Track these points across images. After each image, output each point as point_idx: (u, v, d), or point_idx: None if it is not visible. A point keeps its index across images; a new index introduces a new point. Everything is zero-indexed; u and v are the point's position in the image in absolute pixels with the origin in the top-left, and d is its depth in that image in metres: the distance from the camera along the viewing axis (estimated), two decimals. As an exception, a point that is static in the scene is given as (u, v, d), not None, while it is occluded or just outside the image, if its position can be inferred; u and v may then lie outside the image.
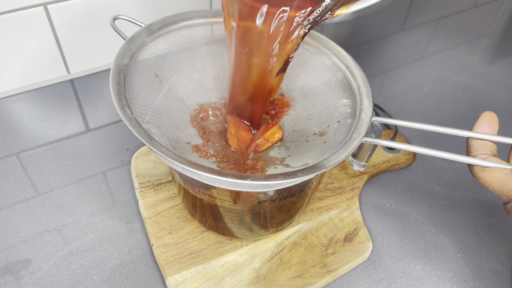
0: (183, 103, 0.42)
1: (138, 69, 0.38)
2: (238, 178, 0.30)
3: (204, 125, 0.42)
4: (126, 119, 0.32)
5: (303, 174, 0.31)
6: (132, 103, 0.35)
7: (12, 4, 0.51)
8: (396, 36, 0.78)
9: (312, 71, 0.43)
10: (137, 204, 0.48)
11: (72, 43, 0.58)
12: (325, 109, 0.42)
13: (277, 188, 0.33)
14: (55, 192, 0.49)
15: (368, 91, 0.38)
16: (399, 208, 0.51)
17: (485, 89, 0.69)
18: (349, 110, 0.39)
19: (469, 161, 0.34)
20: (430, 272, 0.45)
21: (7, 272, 0.42)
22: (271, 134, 0.41)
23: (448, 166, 0.56)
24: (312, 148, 0.39)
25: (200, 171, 0.30)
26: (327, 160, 0.32)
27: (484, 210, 0.51)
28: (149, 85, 0.39)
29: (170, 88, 0.41)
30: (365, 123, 0.35)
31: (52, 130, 0.55)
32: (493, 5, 0.89)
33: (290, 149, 0.40)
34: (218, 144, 0.41)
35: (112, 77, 0.35)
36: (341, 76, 0.41)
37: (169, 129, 0.38)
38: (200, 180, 0.33)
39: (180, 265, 0.42)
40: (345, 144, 0.34)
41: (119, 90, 0.34)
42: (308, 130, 0.42)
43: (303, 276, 0.42)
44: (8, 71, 0.57)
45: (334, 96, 0.41)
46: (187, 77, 0.43)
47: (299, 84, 0.44)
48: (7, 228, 0.45)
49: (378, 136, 0.44)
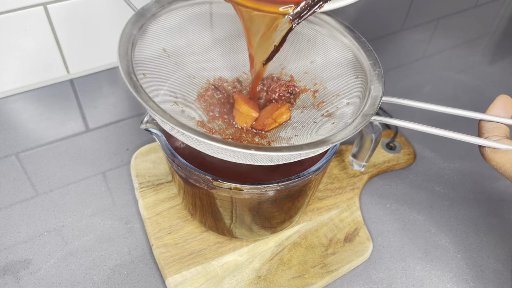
0: (190, 79, 0.41)
1: (147, 42, 0.38)
2: (241, 148, 0.29)
3: (211, 102, 0.41)
4: (131, 85, 0.31)
5: (309, 148, 0.30)
6: (138, 75, 0.34)
7: (12, 4, 0.51)
8: (396, 35, 0.78)
9: (322, 51, 0.43)
10: (136, 204, 0.48)
11: (72, 43, 0.58)
12: (334, 90, 0.41)
13: (281, 162, 0.32)
14: (54, 192, 0.49)
15: (379, 71, 0.38)
16: (400, 208, 0.50)
17: (486, 88, 0.69)
18: (359, 91, 0.38)
19: (482, 143, 0.33)
20: (430, 272, 0.45)
21: (6, 272, 0.42)
22: (279, 114, 0.40)
23: (449, 166, 0.56)
24: (320, 129, 0.38)
25: (202, 137, 0.29)
26: (334, 135, 0.32)
27: (484, 210, 0.51)
28: (156, 59, 0.39)
29: (178, 63, 0.41)
30: (376, 102, 0.35)
31: (52, 130, 0.55)
32: (494, 4, 0.89)
33: (297, 129, 0.39)
34: (224, 122, 0.40)
35: (120, 45, 0.34)
36: (351, 57, 0.41)
37: (174, 104, 0.38)
38: (200, 149, 0.32)
39: (180, 266, 0.42)
40: (354, 121, 0.33)
41: (126, 57, 0.33)
42: (316, 111, 0.41)
43: (303, 276, 0.42)
44: (8, 71, 0.57)
45: (344, 76, 0.41)
46: (196, 54, 0.42)
47: (308, 64, 0.44)
48: (7, 228, 0.45)
49: (378, 136, 0.43)
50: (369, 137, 0.44)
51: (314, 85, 0.43)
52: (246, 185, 0.35)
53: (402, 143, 0.57)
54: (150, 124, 0.38)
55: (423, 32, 0.79)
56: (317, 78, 0.43)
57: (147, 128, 0.38)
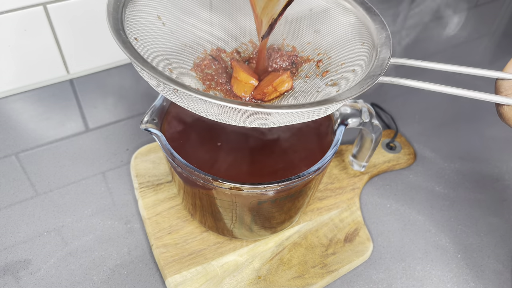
0: (187, 48, 0.40)
1: (140, 7, 0.36)
2: (237, 104, 0.27)
3: (208, 72, 0.39)
4: (119, 41, 0.29)
5: (312, 106, 0.28)
6: (131, 40, 0.33)
7: (12, 4, 0.51)
8: (397, 35, 0.78)
9: (325, 19, 0.41)
10: (136, 204, 0.48)
11: (72, 43, 0.58)
12: (339, 58, 0.39)
13: (282, 124, 0.31)
14: (54, 192, 0.49)
15: (386, 34, 0.36)
16: (400, 208, 0.50)
17: (486, 88, 0.69)
18: (366, 58, 0.36)
19: (500, 100, 0.31)
20: (430, 272, 0.45)
21: (6, 273, 0.42)
22: (280, 83, 0.37)
23: (449, 166, 0.55)
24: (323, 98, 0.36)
25: (196, 94, 0.27)
26: (339, 94, 0.30)
27: (484, 210, 0.51)
28: (150, 25, 0.37)
29: (173, 31, 0.39)
30: (384, 63, 0.33)
31: (52, 130, 0.55)
32: (494, 4, 0.89)
33: (299, 99, 0.37)
34: (222, 91, 0.38)
35: (109, 2, 0.33)
36: (357, 22, 0.39)
37: (167, 70, 0.36)
38: (193, 110, 0.30)
39: (180, 266, 0.42)
40: (360, 81, 0.31)
41: (116, 15, 0.32)
42: (319, 80, 0.39)
43: (303, 276, 0.42)
44: (8, 71, 0.57)
45: (349, 44, 0.39)
46: (192, 22, 0.40)
47: (311, 34, 0.42)
48: (7, 229, 0.45)
49: (379, 136, 0.43)
50: (369, 137, 0.44)
51: (318, 54, 0.41)
52: (246, 185, 0.35)
53: (402, 143, 0.57)
54: (150, 124, 0.38)
55: (423, 32, 0.79)
56: (321, 47, 0.41)
57: (147, 128, 0.38)
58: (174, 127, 0.41)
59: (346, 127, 0.41)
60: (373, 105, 0.62)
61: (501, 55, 0.77)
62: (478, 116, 0.63)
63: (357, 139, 0.47)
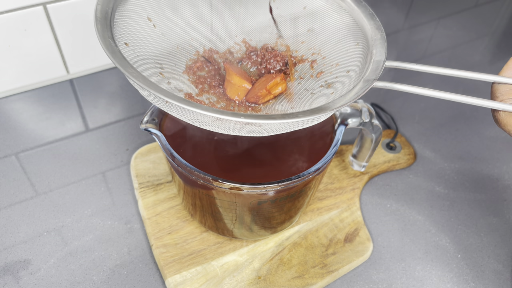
0: (179, 50, 0.39)
1: (129, 10, 0.36)
2: (229, 116, 0.27)
3: (200, 74, 0.39)
4: (108, 50, 0.29)
5: (305, 115, 0.28)
6: (121, 45, 0.32)
7: (12, 4, 0.51)
8: (397, 35, 0.78)
9: (320, 18, 0.40)
10: (136, 204, 0.48)
11: (72, 43, 0.58)
12: (333, 59, 0.39)
13: (276, 133, 0.30)
14: (54, 192, 0.49)
15: (382, 35, 0.35)
16: (400, 208, 0.50)
17: (487, 88, 0.69)
18: (360, 59, 0.36)
19: (496, 106, 0.30)
20: (430, 272, 0.45)
21: (6, 273, 0.42)
22: (274, 85, 0.37)
23: (449, 166, 0.55)
24: (318, 101, 0.36)
25: (187, 105, 0.27)
26: (333, 102, 0.29)
27: (484, 210, 0.51)
28: (141, 29, 0.36)
29: (164, 34, 0.38)
30: (379, 66, 0.32)
31: (52, 130, 0.55)
32: (494, 4, 0.89)
33: (293, 102, 0.37)
34: (215, 95, 0.37)
35: (96, 9, 0.32)
36: (351, 22, 0.38)
37: (159, 75, 0.35)
38: (186, 120, 0.30)
39: (179, 266, 0.42)
40: (355, 88, 0.31)
41: (105, 22, 0.31)
42: (314, 81, 0.38)
43: (303, 276, 0.42)
44: (8, 71, 0.57)
45: (344, 44, 0.39)
46: (184, 23, 0.40)
47: (305, 33, 0.41)
48: (6, 229, 0.45)
49: (379, 136, 0.43)
50: (369, 137, 0.44)
51: (312, 54, 0.40)
52: (246, 185, 0.35)
53: (402, 143, 0.57)
54: (150, 124, 0.38)
55: (423, 32, 0.79)
56: (315, 47, 0.40)
57: (146, 128, 0.38)
58: (174, 127, 0.41)
59: (346, 127, 0.41)
60: (373, 105, 0.62)
61: (501, 55, 0.77)
62: (478, 116, 0.63)
63: (357, 139, 0.47)
